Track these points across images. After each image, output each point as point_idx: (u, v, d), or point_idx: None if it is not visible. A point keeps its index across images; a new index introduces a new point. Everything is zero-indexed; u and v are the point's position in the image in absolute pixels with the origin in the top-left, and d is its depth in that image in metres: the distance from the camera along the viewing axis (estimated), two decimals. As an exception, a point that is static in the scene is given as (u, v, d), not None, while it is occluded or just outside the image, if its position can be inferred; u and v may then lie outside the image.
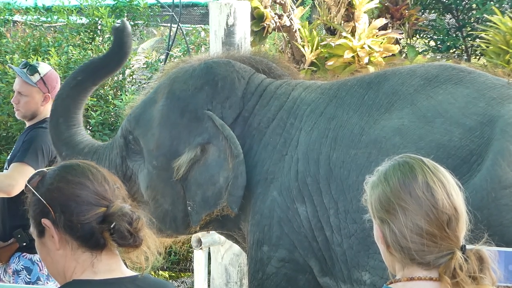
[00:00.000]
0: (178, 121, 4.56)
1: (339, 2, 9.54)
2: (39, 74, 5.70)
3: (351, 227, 3.91)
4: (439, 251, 2.19)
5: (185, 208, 4.48)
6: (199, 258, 6.58)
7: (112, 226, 2.28)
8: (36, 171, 2.47)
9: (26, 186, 2.40)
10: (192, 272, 8.04)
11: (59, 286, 2.34)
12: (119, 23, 4.84)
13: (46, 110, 5.67)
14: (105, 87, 10.22)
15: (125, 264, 2.39)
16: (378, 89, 4.17)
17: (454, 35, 10.70)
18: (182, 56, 10.76)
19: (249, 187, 4.34)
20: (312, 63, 9.40)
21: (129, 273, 2.33)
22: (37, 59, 10.18)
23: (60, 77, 9.95)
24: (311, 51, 9.44)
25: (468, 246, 2.22)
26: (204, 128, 4.48)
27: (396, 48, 9.49)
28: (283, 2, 9.51)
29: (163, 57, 10.18)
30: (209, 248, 6.30)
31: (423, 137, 3.82)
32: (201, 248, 6.06)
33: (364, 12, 9.63)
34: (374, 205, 2.29)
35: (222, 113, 4.49)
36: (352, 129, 4.09)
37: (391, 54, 9.26)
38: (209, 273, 6.58)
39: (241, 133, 4.44)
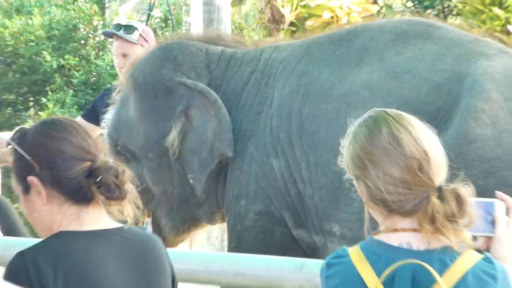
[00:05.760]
0: (155, 104, 4.56)
1: (317, -38, 9.56)
2: (137, 30, 5.40)
3: (322, 180, 3.96)
4: (416, 197, 2.17)
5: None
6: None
7: (98, 179, 2.30)
8: (17, 128, 2.46)
9: (8, 143, 2.39)
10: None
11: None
12: None
13: None
14: (87, 48, 10.21)
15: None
16: (349, 45, 4.20)
17: (432, -4, 10.70)
18: (163, 16, 10.75)
19: None
20: (291, 23, 9.44)
21: (114, 225, 2.35)
22: (20, 19, 10.16)
23: (43, 37, 10.03)
24: (291, 11, 9.47)
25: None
26: (179, 96, 4.49)
27: (374, 9, 9.53)
28: (263, -37, 9.52)
29: (144, 18, 10.16)
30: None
31: (392, 92, 3.86)
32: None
33: (343, -28, 9.66)
34: (348, 165, 2.30)
35: (190, 80, 4.49)
36: (323, 84, 4.13)
37: (369, 14, 9.29)
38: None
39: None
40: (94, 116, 5.42)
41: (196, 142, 4.39)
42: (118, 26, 5.43)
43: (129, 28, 5.39)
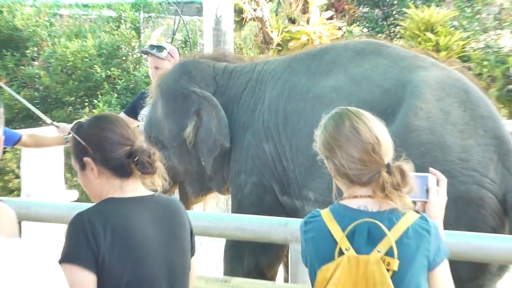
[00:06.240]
0: (175, 107, 4.55)
1: (297, -1, 9.55)
2: (166, 50, 5.38)
3: (300, 158, 3.95)
4: (370, 171, 2.18)
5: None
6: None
7: (136, 159, 2.29)
8: (75, 122, 2.44)
9: (69, 133, 2.37)
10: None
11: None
12: None
13: None
14: (127, 62, 10.20)
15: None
16: (321, 59, 4.19)
17: (381, 24, 10.72)
18: (183, 39, 10.74)
19: (232, 136, 4.38)
20: (278, 44, 9.43)
21: (148, 192, 2.35)
22: (77, 42, 10.15)
23: (95, 55, 10.01)
24: (277, 35, 9.45)
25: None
26: (192, 101, 4.47)
27: (339, 33, 9.52)
28: (257, 0, 9.49)
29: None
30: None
31: (353, 94, 3.85)
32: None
33: (316, 7, 9.64)
34: (320, 148, 2.29)
35: (201, 89, 4.49)
36: (301, 88, 4.12)
37: (335, 37, 9.27)
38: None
39: (224, 103, 4.45)
40: (133, 112, 5.43)
41: (205, 135, 4.39)
42: (152, 46, 5.44)
43: (160, 48, 5.39)
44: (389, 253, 2.11)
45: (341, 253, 2.14)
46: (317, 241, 2.21)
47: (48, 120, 5.21)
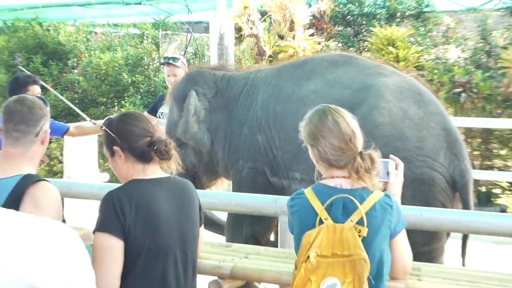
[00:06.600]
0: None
1: (285, 20, 9.51)
2: (180, 60, 5.34)
3: (288, 147, 3.94)
4: (347, 157, 2.18)
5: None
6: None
7: (155, 148, 2.29)
8: (106, 117, 2.43)
9: (102, 126, 2.37)
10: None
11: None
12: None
13: None
14: (149, 70, 10.17)
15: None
16: (303, 68, 4.18)
17: (352, 40, 10.69)
18: (193, 51, 10.71)
19: (231, 131, 4.36)
20: (269, 56, 9.42)
21: (164, 175, 2.34)
22: (109, 54, 10.11)
23: (122, 64, 9.97)
24: (269, 49, 9.43)
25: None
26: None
27: (319, 47, 9.49)
28: (253, 20, 9.46)
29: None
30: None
31: (328, 95, 3.84)
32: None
33: (300, 26, 9.61)
34: (306, 137, 2.29)
35: (204, 90, 4.49)
36: (288, 91, 4.11)
37: (316, 51, 9.25)
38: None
39: (225, 103, 4.44)
40: (154, 111, 5.45)
41: None
42: (168, 58, 5.43)
43: (175, 59, 5.39)
44: (360, 222, 2.11)
45: (321, 222, 2.14)
46: (301, 213, 2.20)
47: (88, 118, 5.22)
